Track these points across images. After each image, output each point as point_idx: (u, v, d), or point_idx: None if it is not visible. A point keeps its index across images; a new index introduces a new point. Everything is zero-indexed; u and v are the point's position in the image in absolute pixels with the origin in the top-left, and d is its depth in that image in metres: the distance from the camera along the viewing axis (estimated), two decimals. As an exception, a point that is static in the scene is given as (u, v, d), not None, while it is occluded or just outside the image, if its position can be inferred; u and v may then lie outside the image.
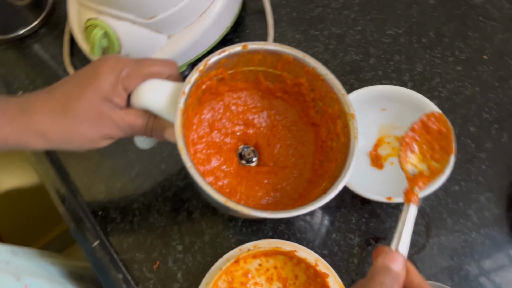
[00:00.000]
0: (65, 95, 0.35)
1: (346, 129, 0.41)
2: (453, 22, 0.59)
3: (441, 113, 0.42)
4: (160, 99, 0.38)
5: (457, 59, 0.56)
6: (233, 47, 0.41)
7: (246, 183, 0.45)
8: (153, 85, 0.39)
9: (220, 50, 0.41)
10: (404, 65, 0.56)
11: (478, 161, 0.51)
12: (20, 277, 0.44)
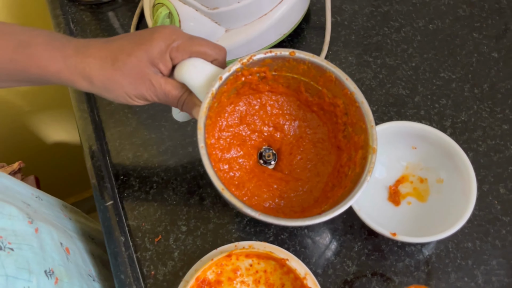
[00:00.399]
0: (118, 49, 0.38)
1: (364, 160, 0.41)
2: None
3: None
4: (199, 78, 0.40)
5: (506, 118, 0.54)
6: (280, 50, 0.42)
7: (256, 181, 0.46)
8: (196, 63, 0.40)
9: (268, 50, 0.42)
10: (449, 111, 0.55)
11: (500, 224, 0.49)
12: (33, 221, 0.47)
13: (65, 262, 0.49)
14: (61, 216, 0.59)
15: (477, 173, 0.51)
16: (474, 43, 0.60)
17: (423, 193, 0.50)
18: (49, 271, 0.45)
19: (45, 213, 0.55)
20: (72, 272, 0.49)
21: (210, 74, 0.40)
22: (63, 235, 0.53)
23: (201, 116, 0.38)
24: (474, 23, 0.61)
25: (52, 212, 0.57)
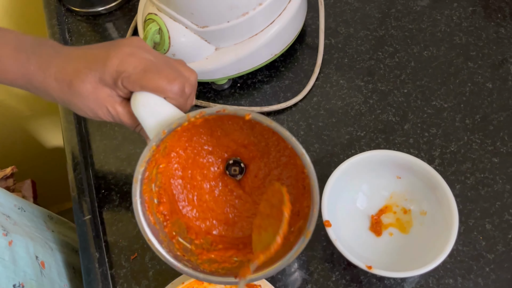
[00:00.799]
0: (73, 72, 0.38)
1: (298, 235, 0.37)
2: (505, 112, 0.55)
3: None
4: (148, 119, 0.37)
5: (496, 150, 0.53)
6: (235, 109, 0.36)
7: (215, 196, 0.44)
8: (146, 101, 0.37)
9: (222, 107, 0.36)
10: (439, 140, 0.54)
11: (484, 262, 0.47)
12: (8, 233, 0.47)
13: (38, 277, 0.48)
14: (43, 228, 0.59)
15: (463, 207, 0.50)
16: (468, 72, 0.59)
17: (405, 224, 0.49)
18: (18, 285, 0.45)
19: (26, 225, 0.55)
20: (45, 287, 0.49)
21: (159, 116, 0.37)
22: (41, 249, 0.52)
23: (138, 171, 0.36)
24: (469, 51, 0.60)
25: (33, 224, 0.57)
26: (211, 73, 0.57)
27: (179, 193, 0.43)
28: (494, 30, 0.62)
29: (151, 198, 0.39)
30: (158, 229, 0.39)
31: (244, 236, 0.43)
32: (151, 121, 0.37)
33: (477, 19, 0.63)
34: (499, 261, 0.47)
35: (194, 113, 0.36)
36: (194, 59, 0.57)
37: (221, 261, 0.40)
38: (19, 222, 0.53)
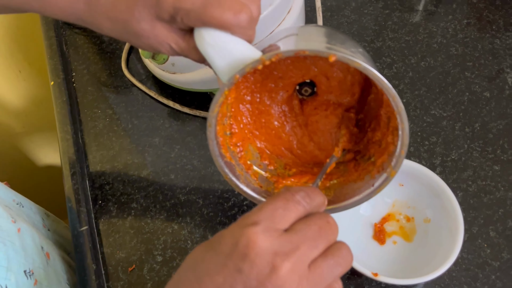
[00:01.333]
0: (127, 9, 0.34)
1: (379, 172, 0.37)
2: (503, 120, 0.56)
3: None
4: (217, 60, 0.33)
5: (497, 158, 0.53)
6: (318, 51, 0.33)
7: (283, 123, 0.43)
8: (212, 39, 0.33)
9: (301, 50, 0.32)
10: (439, 149, 0.54)
11: (489, 269, 0.47)
12: (16, 221, 0.46)
13: (45, 266, 0.47)
14: (40, 226, 0.57)
15: (467, 214, 0.50)
16: (466, 82, 0.59)
17: (409, 232, 0.48)
18: (29, 272, 0.44)
19: (28, 216, 0.54)
20: (51, 277, 0.47)
21: (230, 56, 0.33)
22: (44, 241, 0.51)
23: (211, 116, 0.34)
24: (466, 62, 0.61)
25: (31, 221, 0.56)
26: (210, 83, 0.57)
27: (249, 118, 0.42)
28: (489, 41, 0.63)
29: (225, 133, 0.38)
30: (234, 164, 0.38)
31: (316, 160, 0.43)
32: (221, 62, 0.33)
33: (472, 31, 0.64)
34: (504, 269, 0.47)
35: (270, 55, 0.31)
36: (193, 69, 0.57)
37: None
38: (20, 213, 0.52)
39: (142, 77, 0.64)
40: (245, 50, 0.33)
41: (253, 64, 0.31)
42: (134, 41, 0.36)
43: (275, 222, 0.28)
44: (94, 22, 0.36)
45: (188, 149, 0.57)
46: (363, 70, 0.31)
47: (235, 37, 0.33)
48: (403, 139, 0.34)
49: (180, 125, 0.59)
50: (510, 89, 0.58)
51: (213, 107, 0.34)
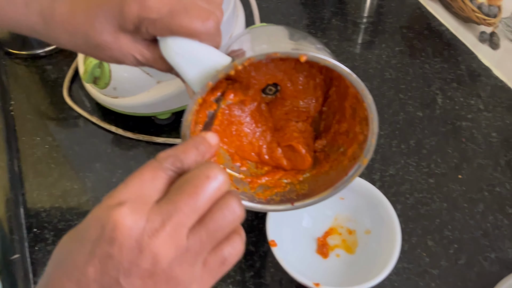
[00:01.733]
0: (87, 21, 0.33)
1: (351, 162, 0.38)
2: (436, 137, 0.59)
3: None
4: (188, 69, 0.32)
5: (431, 172, 0.55)
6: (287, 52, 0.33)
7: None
8: (180, 49, 0.32)
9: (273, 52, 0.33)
10: (378, 165, 0.56)
11: (429, 277, 0.47)
12: None
13: None
14: None
15: (406, 225, 0.51)
16: (400, 103, 0.62)
17: (351, 245, 0.48)
18: None
19: None
20: None
21: (200, 64, 0.32)
22: None
23: (185, 125, 0.34)
24: (400, 85, 0.65)
25: None
26: (153, 106, 0.57)
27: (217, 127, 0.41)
28: (420, 66, 0.67)
29: None
30: None
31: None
32: (191, 71, 0.32)
33: (404, 57, 0.68)
34: (443, 276, 0.48)
35: (242, 60, 0.31)
36: (135, 93, 0.57)
37: (272, 186, 0.41)
38: None
39: (84, 104, 0.63)
40: (214, 57, 0.32)
41: (225, 69, 0.31)
42: (95, 54, 0.35)
43: (143, 197, 0.25)
44: (51, 35, 0.34)
45: (131, 173, 0.56)
46: (333, 67, 0.32)
47: (203, 44, 0.32)
48: (373, 128, 0.35)
49: (123, 150, 0.58)
50: (440, 109, 0.62)
51: (186, 116, 0.34)
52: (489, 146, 0.58)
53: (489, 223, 0.51)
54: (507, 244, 0.50)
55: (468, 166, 0.56)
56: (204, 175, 0.25)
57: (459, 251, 0.49)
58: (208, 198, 0.25)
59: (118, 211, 0.24)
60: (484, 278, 0.47)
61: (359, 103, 0.35)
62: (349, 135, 0.39)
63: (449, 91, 0.64)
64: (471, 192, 0.54)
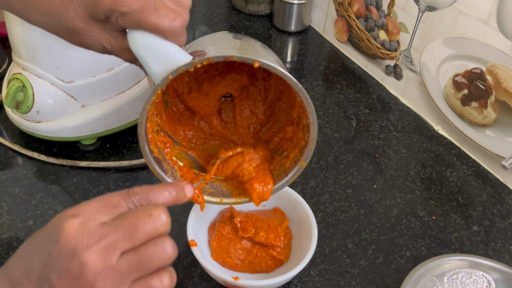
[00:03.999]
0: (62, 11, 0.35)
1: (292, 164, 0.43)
2: (351, 154, 0.63)
3: None
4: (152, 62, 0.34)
5: (349, 183, 0.59)
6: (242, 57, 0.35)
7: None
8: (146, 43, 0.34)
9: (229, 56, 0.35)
10: (299, 179, 0.59)
11: (350, 276, 0.49)
12: None
13: None
14: None
15: (326, 231, 0.53)
16: (319, 127, 0.67)
17: (274, 249, 0.49)
18: None
19: None
20: None
21: (163, 60, 0.34)
22: None
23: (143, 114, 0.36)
24: (318, 112, 0.70)
25: None
26: (78, 130, 0.58)
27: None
28: (335, 96, 0.73)
29: (153, 130, 0.40)
30: (161, 159, 0.41)
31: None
32: (154, 64, 0.34)
33: (321, 89, 0.74)
34: (363, 274, 0.49)
35: (201, 59, 0.34)
36: (60, 116, 0.57)
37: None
38: None
39: (4, 132, 0.62)
40: (177, 54, 0.34)
41: (186, 66, 0.34)
42: (65, 37, 0.36)
43: (96, 216, 0.29)
44: (25, 13, 0.36)
45: (51, 196, 0.55)
46: (282, 75, 0.35)
47: (168, 42, 0.34)
48: (313, 135, 0.39)
49: (45, 175, 0.57)
50: (355, 130, 0.67)
51: (145, 106, 0.36)
52: (400, 160, 0.63)
53: (403, 225, 0.54)
54: (420, 242, 0.53)
55: (382, 177, 0.60)
56: (148, 212, 0.29)
57: (377, 251, 0.51)
58: (145, 232, 0.28)
59: (69, 221, 0.28)
60: (401, 274, 0.49)
61: (304, 111, 0.39)
62: (293, 140, 0.43)
63: (362, 116, 0.70)
64: (385, 199, 0.57)
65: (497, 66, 0.56)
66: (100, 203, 0.29)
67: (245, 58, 0.34)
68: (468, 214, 0.56)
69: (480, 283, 0.46)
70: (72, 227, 0.28)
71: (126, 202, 0.30)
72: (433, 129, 0.68)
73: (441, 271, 0.46)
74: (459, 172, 0.62)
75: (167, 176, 0.41)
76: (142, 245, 0.28)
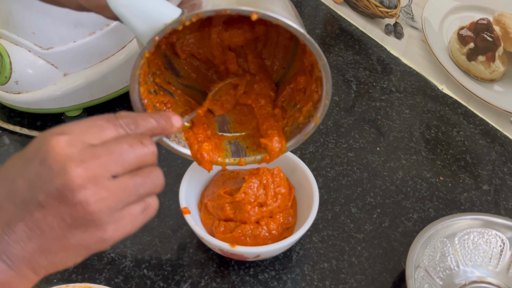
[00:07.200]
0: None
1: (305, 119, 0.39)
2: (352, 117, 0.60)
3: None
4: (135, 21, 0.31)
5: (350, 147, 0.56)
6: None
7: None
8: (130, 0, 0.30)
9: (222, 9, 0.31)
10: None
11: (354, 242, 0.46)
12: None
13: None
14: None
15: (328, 196, 0.50)
16: (317, 91, 0.63)
17: (273, 216, 0.46)
18: None
19: None
20: None
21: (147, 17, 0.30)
22: None
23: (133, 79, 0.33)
24: (315, 75, 0.66)
25: None
26: (61, 100, 0.54)
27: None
28: (334, 59, 0.69)
29: (149, 92, 0.37)
30: None
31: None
32: (139, 23, 0.30)
33: (318, 52, 0.70)
34: (368, 239, 0.46)
35: (190, 15, 0.29)
36: (41, 86, 0.54)
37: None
38: None
39: (-14, 109, 0.59)
40: (162, 8, 0.30)
41: (172, 25, 0.30)
42: None
43: (84, 136, 0.27)
44: None
45: (36, 170, 0.51)
46: (286, 26, 0.31)
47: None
48: (327, 88, 0.35)
49: (28, 149, 0.54)
50: (355, 93, 0.63)
51: (134, 71, 0.32)
52: (403, 121, 0.59)
53: (409, 187, 0.51)
54: (427, 204, 0.50)
55: (385, 140, 0.57)
56: (139, 140, 0.28)
57: (382, 215, 0.49)
58: (136, 158, 0.27)
59: (56, 138, 0.26)
60: (409, 237, 0.46)
61: (316, 62, 0.35)
62: (306, 92, 0.39)
63: (362, 78, 0.66)
64: (389, 161, 0.54)
65: (505, 15, 0.53)
66: (87, 125, 0.27)
67: (240, 10, 0.30)
68: (478, 174, 0.53)
69: (493, 243, 0.43)
70: (60, 144, 0.25)
71: (114, 125, 0.28)
72: (437, 89, 0.65)
73: (451, 232, 0.43)
74: (466, 131, 0.59)
75: (170, 140, 0.38)
76: (137, 171, 0.27)
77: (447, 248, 0.43)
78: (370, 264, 0.44)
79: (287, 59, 0.43)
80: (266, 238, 0.41)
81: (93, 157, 0.26)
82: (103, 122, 0.28)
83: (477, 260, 0.43)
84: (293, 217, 0.44)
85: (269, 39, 0.42)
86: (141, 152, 0.27)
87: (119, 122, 0.28)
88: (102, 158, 0.26)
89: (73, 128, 0.27)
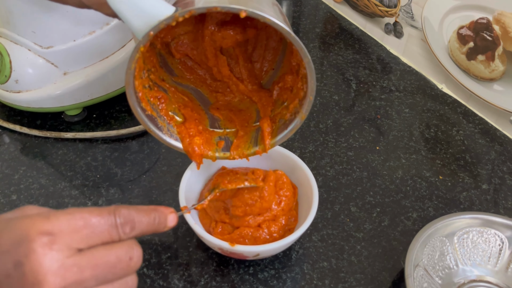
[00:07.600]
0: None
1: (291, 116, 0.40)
2: (352, 116, 0.60)
3: None
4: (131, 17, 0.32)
5: (350, 146, 0.56)
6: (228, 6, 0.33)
7: None
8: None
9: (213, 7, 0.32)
10: (297, 143, 0.56)
11: (354, 241, 0.46)
12: None
13: None
14: None
15: (328, 195, 0.50)
16: (317, 89, 0.63)
17: (273, 215, 0.46)
18: None
19: None
20: None
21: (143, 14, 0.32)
22: None
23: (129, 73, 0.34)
24: (316, 74, 0.66)
25: None
26: (61, 99, 0.54)
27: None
28: (333, 58, 0.69)
29: (144, 87, 0.38)
30: (156, 116, 0.39)
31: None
32: (134, 19, 0.32)
33: (318, 52, 0.71)
34: (368, 238, 0.46)
35: (183, 12, 0.31)
36: (41, 85, 0.54)
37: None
38: None
39: (-14, 107, 0.59)
40: (157, 5, 0.32)
41: (166, 20, 0.31)
42: None
43: (72, 238, 0.25)
44: None
45: (35, 169, 0.51)
46: (272, 24, 0.32)
47: None
48: (311, 85, 0.36)
49: (28, 148, 0.54)
50: (355, 92, 0.64)
51: (129, 64, 0.34)
52: (403, 120, 0.60)
53: (408, 187, 0.52)
54: (427, 203, 0.50)
55: (385, 139, 0.57)
56: (129, 256, 0.27)
57: (382, 214, 0.49)
58: (121, 275, 0.27)
59: (40, 241, 0.23)
60: (408, 236, 0.46)
61: (301, 60, 0.36)
62: (292, 90, 0.41)
63: (362, 77, 0.66)
64: (389, 161, 0.54)
65: (505, 14, 0.53)
66: (79, 224, 0.25)
67: (230, 8, 0.31)
68: (477, 173, 0.53)
69: (492, 242, 0.43)
70: (42, 250, 0.23)
71: (110, 225, 0.27)
72: (436, 88, 0.65)
73: (451, 231, 0.43)
74: (466, 130, 0.59)
75: (162, 133, 0.40)
76: (114, 282, 0.27)
77: (446, 247, 0.43)
78: (370, 263, 0.44)
79: (276, 60, 0.44)
80: (266, 240, 0.41)
81: (73, 274, 0.24)
82: (98, 220, 0.26)
83: (476, 259, 0.43)
84: (295, 218, 0.44)
85: (259, 42, 0.44)
86: (128, 270, 0.27)
87: (116, 222, 0.27)
88: (84, 273, 0.25)
89: (62, 225, 0.25)
